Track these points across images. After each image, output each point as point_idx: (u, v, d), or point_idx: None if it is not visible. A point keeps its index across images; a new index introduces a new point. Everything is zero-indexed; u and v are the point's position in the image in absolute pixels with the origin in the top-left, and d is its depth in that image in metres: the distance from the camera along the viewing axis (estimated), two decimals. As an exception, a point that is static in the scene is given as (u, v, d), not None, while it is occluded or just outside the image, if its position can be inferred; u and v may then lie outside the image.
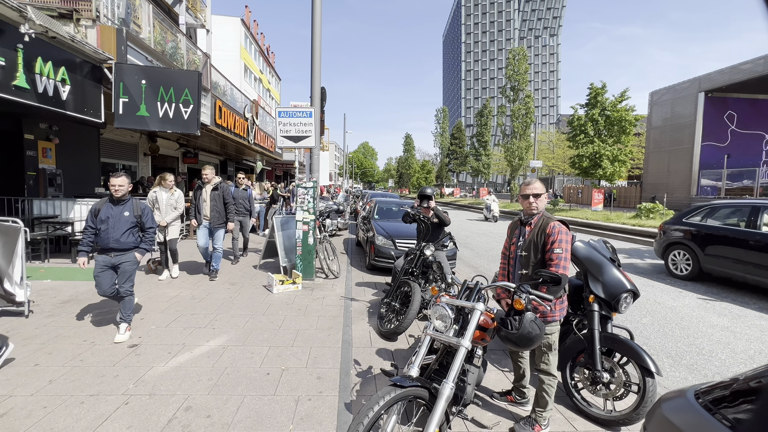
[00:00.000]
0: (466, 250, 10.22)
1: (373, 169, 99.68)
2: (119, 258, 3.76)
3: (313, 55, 6.49)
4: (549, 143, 48.03)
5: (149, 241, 3.92)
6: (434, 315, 2.26)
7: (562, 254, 2.33)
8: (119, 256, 3.76)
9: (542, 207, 2.56)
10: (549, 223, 2.45)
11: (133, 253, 3.82)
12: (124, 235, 3.74)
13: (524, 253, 2.52)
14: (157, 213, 5.82)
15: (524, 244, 2.54)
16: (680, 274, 7.13)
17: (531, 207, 2.54)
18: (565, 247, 2.35)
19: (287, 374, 3.15)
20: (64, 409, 2.56)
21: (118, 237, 3.70)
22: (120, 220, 3.73)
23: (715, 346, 4.16)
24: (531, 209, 2.54)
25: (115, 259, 3.75)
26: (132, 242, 3.81)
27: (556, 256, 2.33)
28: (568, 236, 2.41)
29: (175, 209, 5.96)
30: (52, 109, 5.82)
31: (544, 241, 2.42)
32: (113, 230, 3.69)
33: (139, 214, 3.85)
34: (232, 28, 30.66)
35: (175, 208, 5.96)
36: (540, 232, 2.47)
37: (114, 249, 3.72)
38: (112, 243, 3.69)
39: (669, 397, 1.33)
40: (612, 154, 19.03)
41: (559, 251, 2.33)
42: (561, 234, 2.38)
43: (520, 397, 2.84)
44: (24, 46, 5.14)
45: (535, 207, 2.53)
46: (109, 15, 7.47)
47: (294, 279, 5.74)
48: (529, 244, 2.51)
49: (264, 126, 16.76)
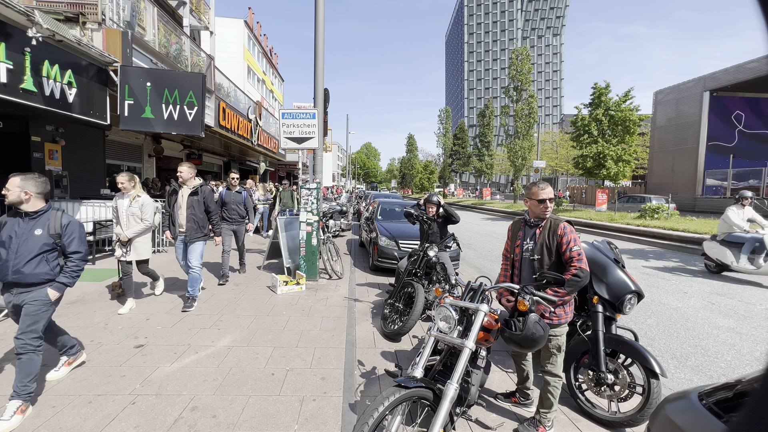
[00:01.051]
0: (469, 250, 10.21)
1: (375, 169, 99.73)
2: (21, 297, 2.64)
3: (316, 56, 6.51)
4: (552, 143, 47.84)
5: (72, 272, 2.77)
6: (438, 316, 2.27)
7: (581, 251, 2.37)
8: (22, 294, 2.64)
9: (549, 210, 2.56)
10: (559, 224, 2.45)
11: (44, 289, 2.66)
12: (30, 264, 2.61)
13: (537, 256, 2.48)
14: (117, 226, 4.60)
15: (535, 247, 2.50)
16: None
17: (546, 211, 2.51)
18: (580, 244, 2.40)
19: (292, 375, 3.17)
20: (72, 409, 2.59)
21: (20, 266, 2.59)
22: (28, 241, 2.63)
23: (720, 348, 4.13)
24: (545, 213, 2.52)
25: (16, 298, 2.66)
26: (44, 274, 2.65)
27: (577, 254, 2.35)
28: (577, 235, 2.44)
29: (142, 220, 4.54)
30: (58, 111, 5.88)
31: (558, 243, 2.41)
32: (15, 256, 2.60)
33: (58, 233, 2.72)
34: (236, 29, 30.79)
35: (141, 218, 4.54)
36: (551, 234, 2.45)
37: (15, 284, 2.63)
38: (11, 275, 2.59)
39: (672, 398, 1.33)
40: (616, 155, 18.93)
41: (577, 248, 2.36)
42: (573, 233, 2.42)
43: (523, 399, 2.84)
44: (31, 49, 5.20)
45: (549, 211, 2.53)
46: (114, 18, 7.54)
47: (298, 280, 5.76)
48: (541, 248, 2.47)
49: (267, 127, 16.83)
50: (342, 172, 71.49)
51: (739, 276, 7.34)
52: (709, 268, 7.66)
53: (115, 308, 4.59)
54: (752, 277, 7.26)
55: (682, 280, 7.05)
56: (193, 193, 4.88)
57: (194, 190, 4.89)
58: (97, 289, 5.33)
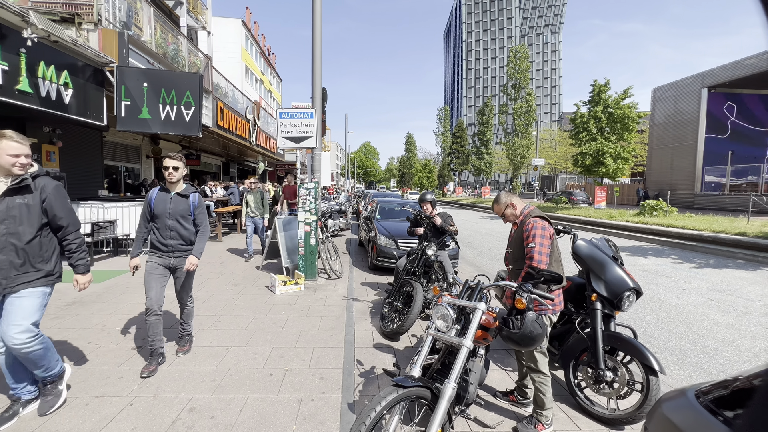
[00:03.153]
0: (468, 249, 10.21)
1: (375, 168, 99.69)
2: None
3: (314, 56, 6.50)
4: (551, 141, 47.86)
5: None
6: (436, 315, 2.27)
7: (535, 248, 2.46)
8: None
9: (517, 212, 2.71)
10: (527, 221, 2.59)
11: None
12: None
13: (510, 249, 2.77)
14: None
15: (511, 241, 2.77)
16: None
17: (505, 219, 2.79)
18: (539, 241, 2.47)
19: (290, 375, 3.16)
20: (69, 411, 2.58)
21: None
22: None
23: (719, 344, 4.13)
24: (507, 221, 2.81)
25: None
26: None
27: (530, 250, 2.48)
28: (544, 231, 2.51)
29: None
30: (55, 112, 5.86)
31: (521, 237, 2.59)
32: None
33: None
34: (233, 29, 30.70)
35: None
36: (520, 229, 2.64)
37: None
38: None
39: (669, 396, 1.32)
40: (615, 152, 18.93)
41: (532, 245, 2.47)
42: (535, 229, 2.51)
43: (522, 397, 2.83)
44: (27, 50, 5.18)
45: (510, 219, 2.76)
46: (110, 18, 7.51)
47: (296, 280, 5.75)
48: (513, 241, 2.73)
49: (266, 127, 16.81)
50: (341, 171, 71.42)
51: (737, 272, 7.34)
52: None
53: (112, 310, 4.58)
54: (749, 274, 7.26)
55: (680, 277, 7.05)
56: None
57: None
58: (95, 291, 5.32)
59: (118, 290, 5.38)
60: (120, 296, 5.11)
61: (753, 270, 7.69)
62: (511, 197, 2.75)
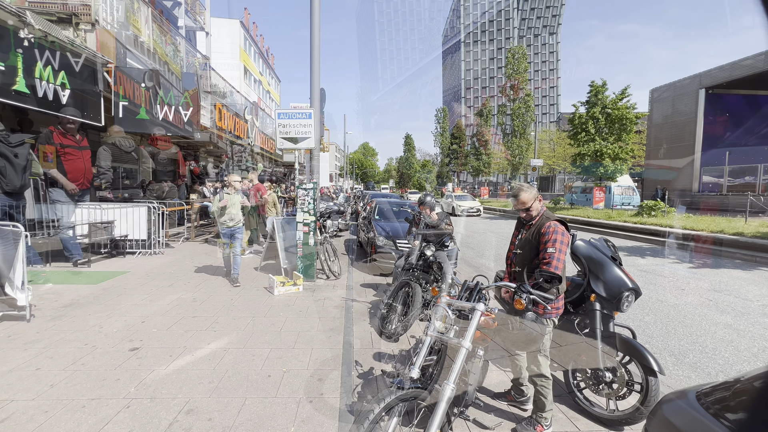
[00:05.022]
0: (467, 249, 10.20)
1: (373, 169, 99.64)
2: None
3: (312, 56, 6.49)
4: (550, 141, 47.92)
5: None
6: (435, 316, 2.26)
7: (555, 254, 2.32)
8: None
9: (538, 210, 2.56)
10: (545, 223, 2.46)
11: None
12: None
13: (519, 251, 2.59)
14: None
15: (520, 242, 2.59)
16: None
17: (527, 216, 2.58)
18: (559, 247, 2.34)
19: (288, 376, 3.14)
20: (66, 414, 2.56)
21: None
22: None
23: (718, 344, 4.13)
24: (527, 218, 2.59)
25: None
26: None
27: (549, 255, 2.33)
28: (564, 236, 2.39)
29: None
30: (52, 113, 5.83)
31: (539, 241, 2.44)
32: None
33: None
34: (232, 30, 30.69)
35: None
36: (536, 231, 2.49)
37: None
38: None
39: (670, 398, 1.31)
40: (613, 152, 18.98)
41: (552, 250, 2.33)
42: (557, 234, 2.37)
43: (518, 396, 2.82)
44: (23, 50, 5.16)
45: (531, 215, 2.56)
46: (108, 19, 7.49)
47: (295, 280, 5.73)
48: (524, 243, 2.56)
49: (264, 128, 16.79)
50: (340, 172, 71.40)
51: (735, 272, 7.36)
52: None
53: (110, 312, 4.55)
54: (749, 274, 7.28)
55: (679, 277, 7.06)
56: None
57: None
58: (93, 292, 5.29)
59: (115, 292, 5.35)
60: (117, 298, 5.08)
61: (750, 270, 7.71)
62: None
